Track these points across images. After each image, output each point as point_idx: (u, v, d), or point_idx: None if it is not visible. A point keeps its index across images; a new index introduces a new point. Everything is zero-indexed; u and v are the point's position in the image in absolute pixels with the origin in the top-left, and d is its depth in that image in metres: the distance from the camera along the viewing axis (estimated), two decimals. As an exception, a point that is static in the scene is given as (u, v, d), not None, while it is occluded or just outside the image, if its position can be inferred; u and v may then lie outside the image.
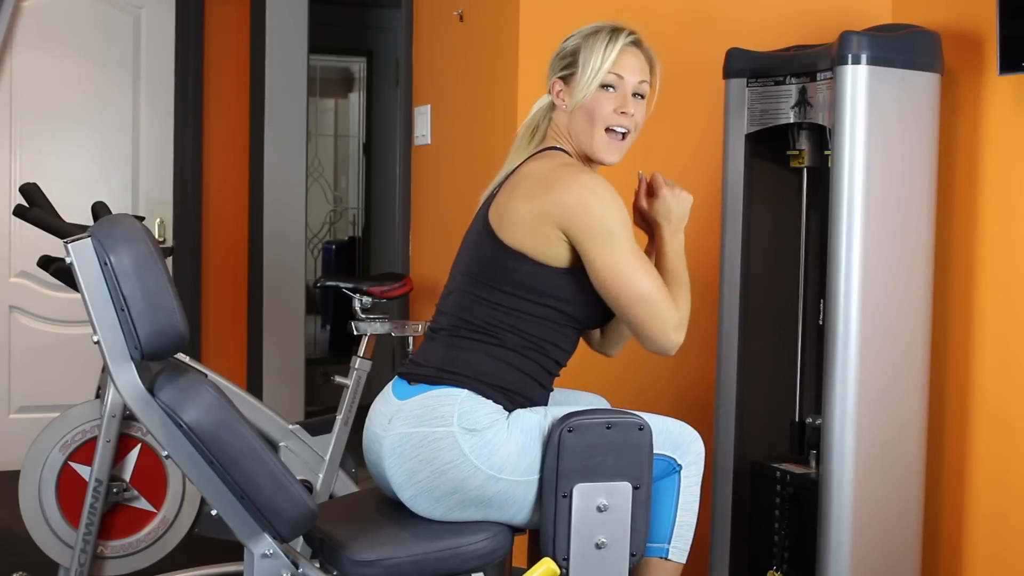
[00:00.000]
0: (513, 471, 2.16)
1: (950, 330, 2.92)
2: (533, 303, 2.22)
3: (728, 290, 2.92)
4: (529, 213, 2.19)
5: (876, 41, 2.61)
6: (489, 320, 2.22)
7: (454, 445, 2.14)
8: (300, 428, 3.43)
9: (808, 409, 2.91)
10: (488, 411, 2.17)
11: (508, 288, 2.22)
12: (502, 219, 2.23)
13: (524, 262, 2.20)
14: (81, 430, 3.20)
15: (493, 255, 2.23)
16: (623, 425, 2.15)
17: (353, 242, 8.31)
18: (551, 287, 2.21)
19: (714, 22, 3.31)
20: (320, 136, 8.48)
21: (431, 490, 2.17)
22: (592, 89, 2.28)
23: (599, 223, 2.15)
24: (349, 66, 8.29)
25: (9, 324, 4.89)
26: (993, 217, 2.82)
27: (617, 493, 2.15)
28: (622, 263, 2.16)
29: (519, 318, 2.22)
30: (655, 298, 2.17)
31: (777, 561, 2.82)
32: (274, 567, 2.11)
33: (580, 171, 2.23)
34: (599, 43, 2.29)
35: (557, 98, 2.34)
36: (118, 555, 3.23)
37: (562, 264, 2.21)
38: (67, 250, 2.01)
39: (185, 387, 2.00)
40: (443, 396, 2.18)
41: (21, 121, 4.89)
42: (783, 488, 2.82)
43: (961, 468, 2.90)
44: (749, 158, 2.90)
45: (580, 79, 2.29)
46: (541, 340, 2.23)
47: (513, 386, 2.21)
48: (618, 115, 2.29)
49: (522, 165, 2.31)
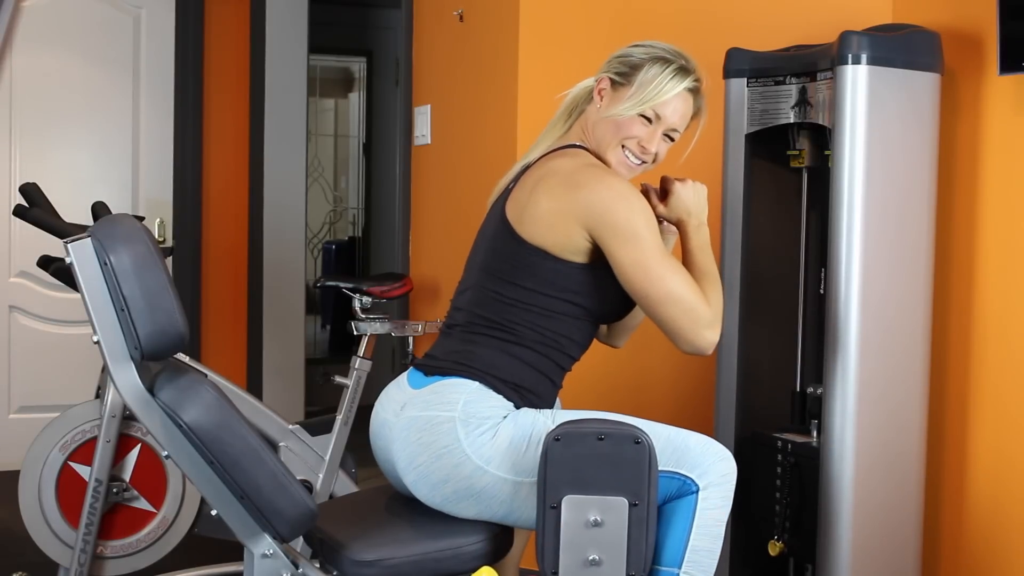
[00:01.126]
0: (500, 466, 2.14)
1: (950, 330, 2.92)
2: (552, 298, 2.21)
3: (728, 290, 2.91)
4: (552, 211, 2.18)
5: (876, 41, 2.61)
6: (507, 316, 2.22)
7: (452, 430, 2.14)
8: (300, 428, 3.43)
9: (809, 381, 2.90)
10: (493, 404, 2.17)
11: (527, 284, 2.21)
12: (522, 215, 2.22)
13: (545, 258, 2.20)
14: (81, 430, 3.20)
15: (512, 251, 2.22)
16: (616, 437, 2.05)
17: (353, 242, 8.31)
18: (571, 282, 2.21)
19: (714, 22, 3.31)
20: (320, 136, 8.48)
21: (429, 475, 2.17)
22: (631, 113, 2.27)
23: (624, 223, 2.15)
24: (349, 66, 8.29)
25: (9, 324, 4.89)
26: (993, 217, 2.82)
27: (612, 509, 2.06)
28: (650, 260, 2.14)
29: (537, 314, 2.21)
30: (686, 296, 2.15)
31: (778, 531, 2.82)
32: (274, 567, 2.12)
33: (606, 173, 2.23)
34: (663, 76, 2.27)
35: (598, 94, 2.32)
36: (118, 555, 3.23)
37: (582, 259, 2.20)
38: (67, 250, 2.01)
39: (185, 387, 2.00)
40: (454, 384, 2.18)
41: (21, 121, 4.88)
42: (784, 458, 2.82)
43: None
44: (749, 158, 2.90)
45: (626, 97, 2.27)
46: (558, 335, 2.23)
47: (525, 383, 2.21)
48: (638, 146, 2.29)
49: (543, 160, 2.30)
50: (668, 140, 2.32)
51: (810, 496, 2.74)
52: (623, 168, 2.31)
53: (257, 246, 5.28)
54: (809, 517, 2.74)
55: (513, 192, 2.28)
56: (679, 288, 2.15)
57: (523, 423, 2.17)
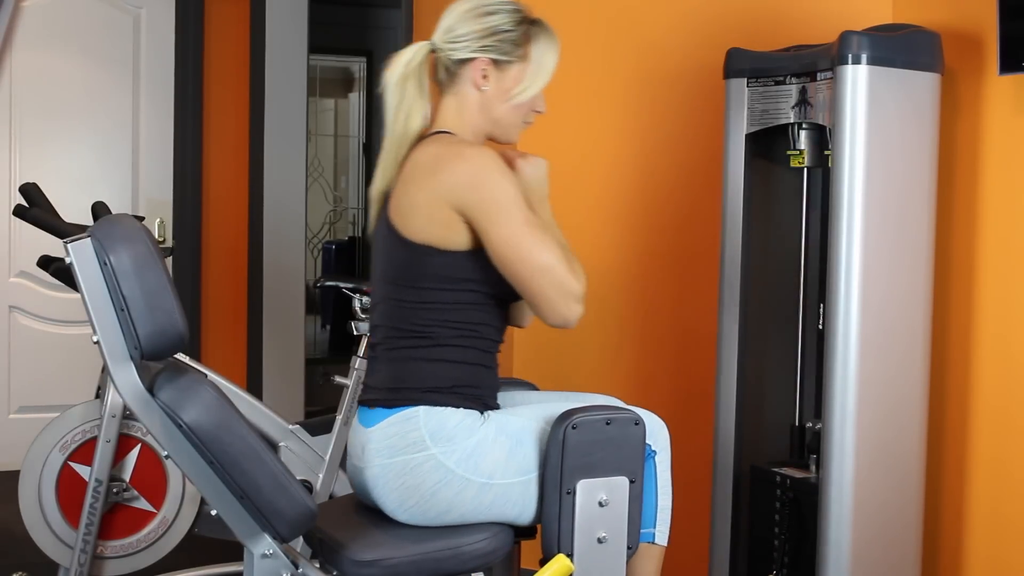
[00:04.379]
0: (504, 474, 2.15)
1: (950, 330, 2.92)
2: (453, 291, 2.17)
3: (728, 290, 2.92)
4: (425, 202, 2.14)
5: (876, 41, 2.61)
6: (417, 321, 2.18)
7: (438, 466, 2.13)
8: (300, 428, 3.43)
9: (808, 413, 2.91)
10: (456, 419, 2.15)
11: (426, 284, 2.17)
12: (403, 216, 2.17)
13: (433, 254, 2.15)
14: (81, 430, 3.20)
15: (403, 255, 2.18)
16: (621, 421, 2.17)
17: (353, 242, 8.32)
18: (465, 272, 2.16)
19: (714, 22, 3.31)
20: (320, 136, 8.48)
21: (425, 511, 2.16)
22: (538, 90, 2.25)
23: (489, 197, 2.10)
24: (349, 66, 8.30)
25: (9, 324, 4.89)
26: (993, 217, 2.82)
27: (616, 488, 2.17)
28: (518, 235, 2.10)
29: (445, 310, 2.18)
30: (554, 266, 2.10)
31: (777, 565, 2.82)
32: (274, 567, 2.12)
33: (464, 147, 2.17)
34: (547, 42, 2.26)
35: (482, 78, 2.22)
36: (118, 555, 3.23)
37: (468, 246, 2.15)
38: (67, 250, 2.01)
39: (185, 387, 2.00)
40: (405, 421, 2.15)
41: (21, 121, 4.89)
42: (783, 492, 2.82)
43: (961, 468, 2.90)
44: (749, 158, 2.90)
45: (526, 76, 2.24)
46: (473, 324, 2.20)
47: (462, 381, 2.19)
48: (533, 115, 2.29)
49: (409, 157, 2.22)
50: None
51: (809, 531, 2.74)
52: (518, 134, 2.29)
53: (257, 246, 5.28)
54: (808, 552, 2.74)
55: (391, 197, 2.23)
56: (550, 260, 2.10)
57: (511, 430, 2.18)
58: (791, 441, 2.92)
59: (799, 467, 2.85)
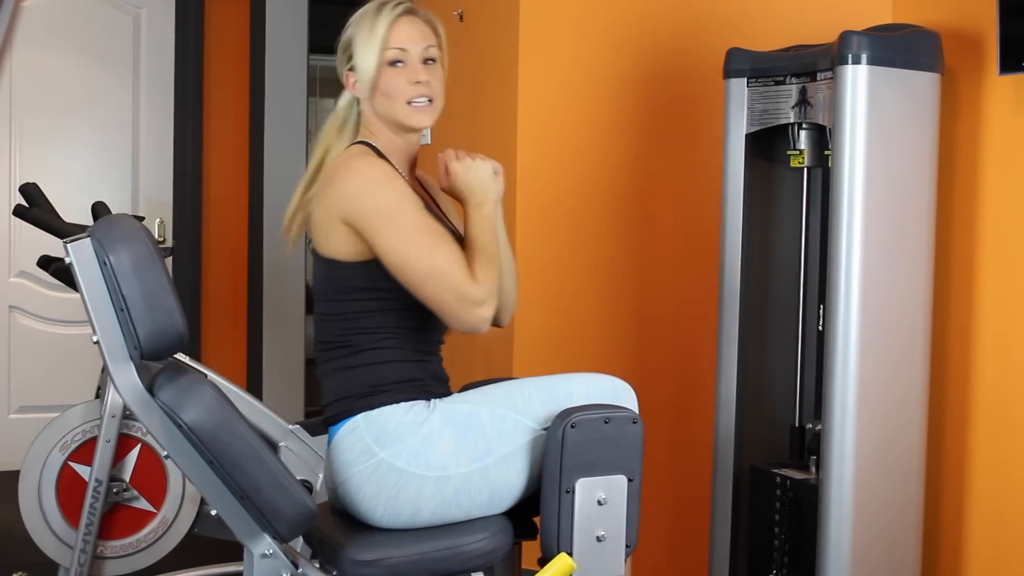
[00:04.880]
0: (458, 464, 2.14)
1: (950, 330, 2.92)
2: (360, 300, 2.17)
3: (728, 290, 2.91)
4: (323, 217, 2.16)
5: (876, 41, 2.61)
6: (337, 333, 2.20)
7: (391, 469, 2.13)
8: (300, 428, 3.43)
9: (808, 414, 2.90)
10: (398, 417, 2.15)
11: (337, 296, 2.19)
12: (314, 232, 2.20)
13: (339, 267, 2.16)
14: (81, 430, 3.20)
15: (319, 269, 2.21)
16: (619, 419, 2.18)
17: (353, 242, 8.28)
18: (371, 281, 2.16)
19: (714, 22, 3.31)
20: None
21: (397, 516, 2.15)
22: (374, 70, 2.21)
23: (372, 208, 2.09)
24: (349, 66, 8.27)
25: (9, 324, 4.89)
26: (993, 217, 2.82)
27: (614, 486, 2.18)
28: (405, 242, 2.09)
29: (359, 318, 2.18)
30: (446, 272, 2.08)
31: (777, 566, 2.82)
32: (274, 567, 2.12)
33: (353, 159, 2.17)
34: (367, 23, 2.23)
35: (353, 89, 2.26)
36: (118, 555, 3.23)
37: (367, 257, 2.15)
38: (67, 250, 2.01)
39: (185, 387, 2.00)
40: (350, 434, 2.16)
41: (21, 121, 4.89)
42: (783, 493, 2.82)
43: (961, 468, 2.90)
44: (749, 158, 2.89)
45: (361, 64, 2.23)
46: (391, 328, 2.19)
47: (391, 378, 2.17)
48: (413, 86, 2.22)
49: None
50: (432, 63, 2.27)
51: (809, 532, 2.73)
52: (418, 113, 2.23)
53: (257, 246, 5.28)
54: (808, 553, 2.73)
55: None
56: (438, 264, 2.08)
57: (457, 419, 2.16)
58: (791, 442, 2.91)
59: (799, 468, 2.85)
